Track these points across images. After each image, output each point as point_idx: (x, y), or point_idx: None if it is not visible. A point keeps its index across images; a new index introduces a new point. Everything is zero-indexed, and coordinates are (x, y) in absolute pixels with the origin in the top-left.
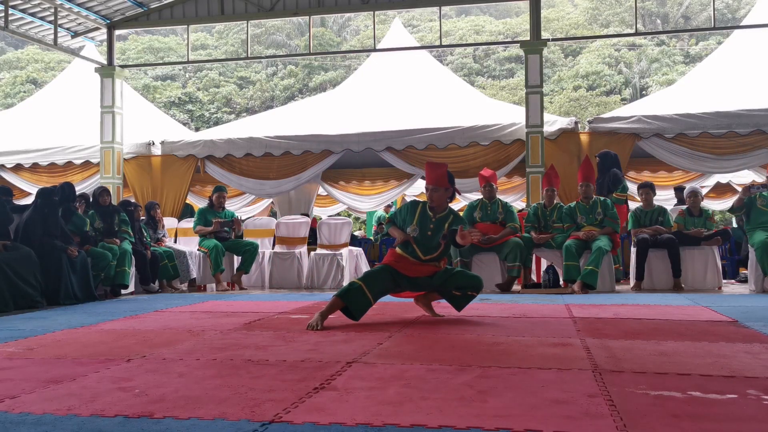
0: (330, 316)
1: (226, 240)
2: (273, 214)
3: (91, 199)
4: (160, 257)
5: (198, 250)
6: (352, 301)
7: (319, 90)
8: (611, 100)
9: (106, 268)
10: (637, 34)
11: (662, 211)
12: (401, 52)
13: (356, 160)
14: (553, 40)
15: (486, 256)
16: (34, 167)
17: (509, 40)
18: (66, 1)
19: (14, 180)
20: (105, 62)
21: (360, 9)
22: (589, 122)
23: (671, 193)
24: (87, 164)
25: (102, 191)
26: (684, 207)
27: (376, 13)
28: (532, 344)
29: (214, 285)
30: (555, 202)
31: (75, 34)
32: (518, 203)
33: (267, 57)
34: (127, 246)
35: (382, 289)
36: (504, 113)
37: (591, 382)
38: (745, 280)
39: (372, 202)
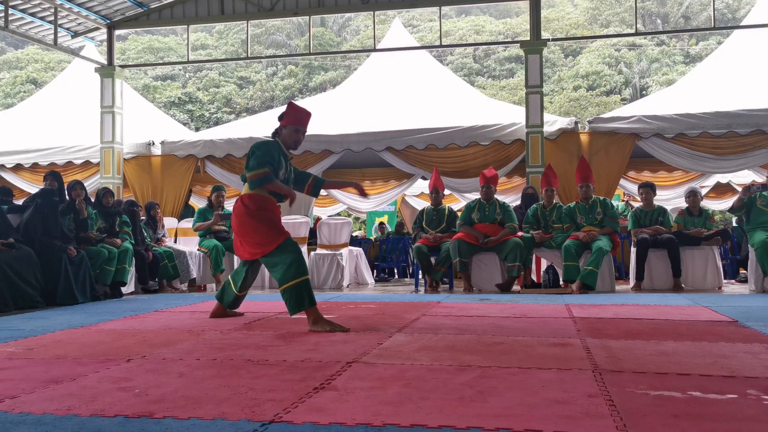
0: (327, 316)
1: (226, 240)
2: None
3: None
4: (160, 257)
5: (198, 250)
6: None
7: (319, 90)
8: (611, 100)
9: (102, 266)
10: (637, 34)
11: (662, 211)
12: (401, 52)
13: (356, 160)
14: (553, 40)
15: (486, 256)
16: (34, 167)
17: (509, 40)
18: (66, 1)
19: (14, 180)
20: (105, 62)
21: (360, 9)
22: (589, 122)
23: (671, 193)
24: (87, 164)
25: (105, 192)
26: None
27: (376, 13)
28: (532, 344)
29: (214, 285)
30: (554, 201)
31: (75, 34)
32: (517, 203)
33: (267, 57)
34: (128, 245)
35: None
36: (504, 113)
37: (591, 382)
38: (745, 280)
39: (372, 202)
